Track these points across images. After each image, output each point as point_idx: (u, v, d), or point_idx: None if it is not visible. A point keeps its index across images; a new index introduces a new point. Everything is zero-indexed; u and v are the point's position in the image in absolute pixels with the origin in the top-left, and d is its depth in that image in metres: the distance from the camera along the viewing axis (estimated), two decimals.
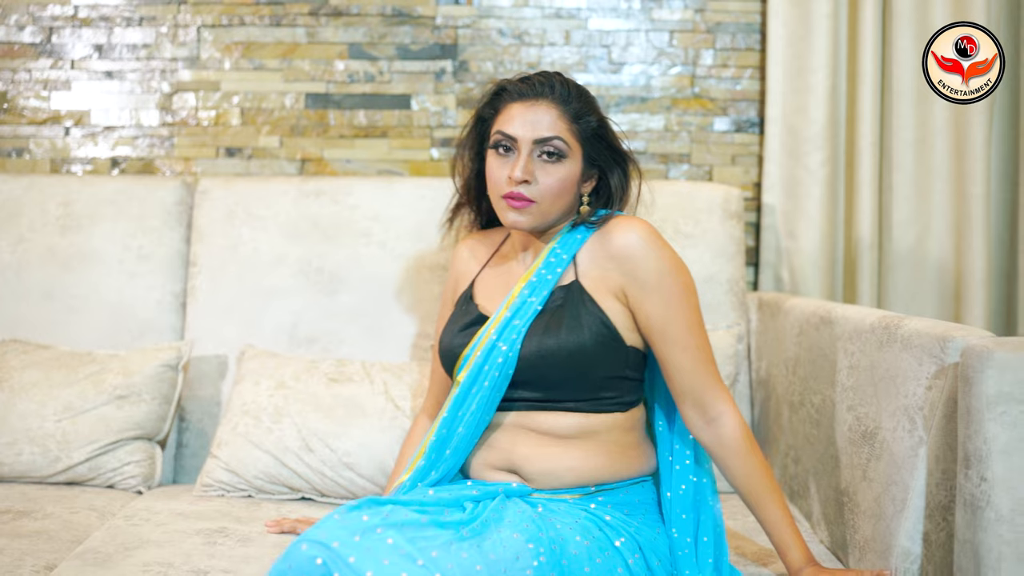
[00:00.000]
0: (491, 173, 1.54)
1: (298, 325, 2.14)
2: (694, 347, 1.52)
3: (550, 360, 1.50)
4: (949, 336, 1.40)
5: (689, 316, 1.52)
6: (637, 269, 1.51)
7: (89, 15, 2.42)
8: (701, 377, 1.52)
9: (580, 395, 1.53)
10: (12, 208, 2.19)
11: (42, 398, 1.92)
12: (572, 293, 1.53)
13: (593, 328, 1.50)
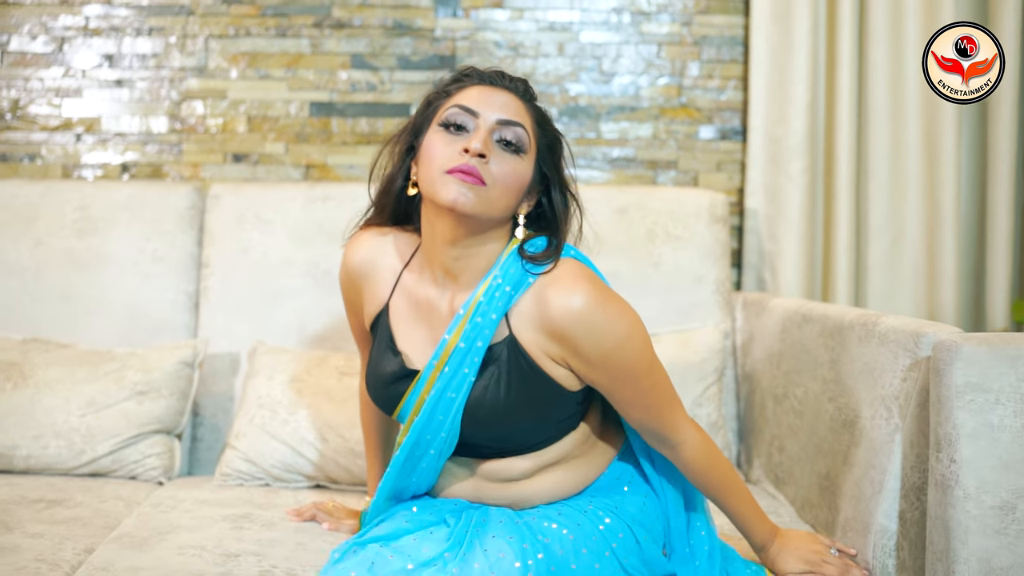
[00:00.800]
0: (432, 150, 1.36)
1: (306, 324, 2.26)
2: (644, 405, 1.43)
3: (496, 428, 1.43)
4: (922, 332, 1.55)
5: (638, 383, 1.41)
6: (579, 348, 1.37)
7: (99, 25, 2.53)
8: (655, 424, 1.45)
9: (529, 443, 1.47)
10: (30, 212, 2.30)
11: (66, 394, 2.03)
12: (510, 354, 1.40)
13: (537, 390, 1.40)
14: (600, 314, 1.35)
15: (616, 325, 1.36)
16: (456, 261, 1.41)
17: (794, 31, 2.50)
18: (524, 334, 1.39)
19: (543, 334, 1.38)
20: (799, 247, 2.50)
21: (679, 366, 2.14)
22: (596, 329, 1.35)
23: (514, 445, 1.46)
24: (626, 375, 1.39)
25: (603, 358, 1.37)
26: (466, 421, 1.41)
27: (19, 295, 2.26)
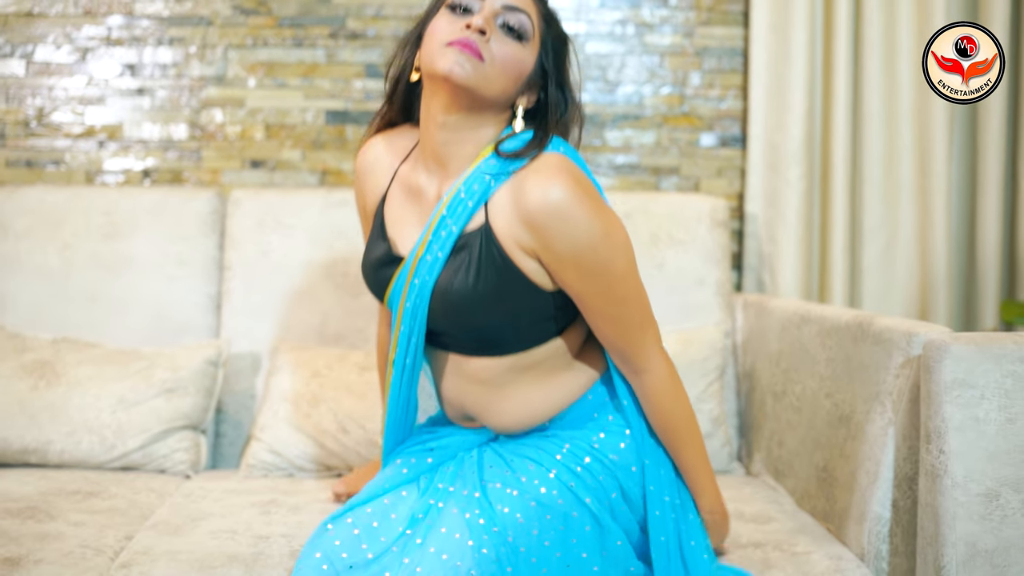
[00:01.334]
0: (435, 28, 1.38)
1: (326, 324, 2.37)
2: (614, 317, 1.41)
3: (463, 319, 1.42)
4: (914, 332, 1.66)
5: (609, 289, 1.39)
6: (551, 241, 1.35)
7: (121, 36, 2.63)
8: (623, 342, 1.43)
9: (505, 343, 1.46)
10: (57, 217, 2.40)
11: (97, 391, 2.13)
12: (483, 242, 1.39)
13: (507, 283, 1.39)
14: (576, 208, 1.33)
15: (592, 222, 1.34)
16: (446, 145, 1.42)
17: (792, 42, 2.61)
18: (500, 224, 1.38)
19: (518, 224, 1.37)
20: (797, 249, 2.61)
21: (682, 363, 2.25)
22: (570, 223, 1.33)
23: (489, 342, 1.45)
24: (597, 278, 1.37)
25: (574, 255, 1.35)
26: (436, 308, 1.41)
27: (48, 297, 2.36)
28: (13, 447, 2.09)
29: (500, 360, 1.47)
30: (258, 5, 2.64)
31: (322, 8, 2.64)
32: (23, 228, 2.39)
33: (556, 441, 1.50)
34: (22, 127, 2.63)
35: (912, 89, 2.61)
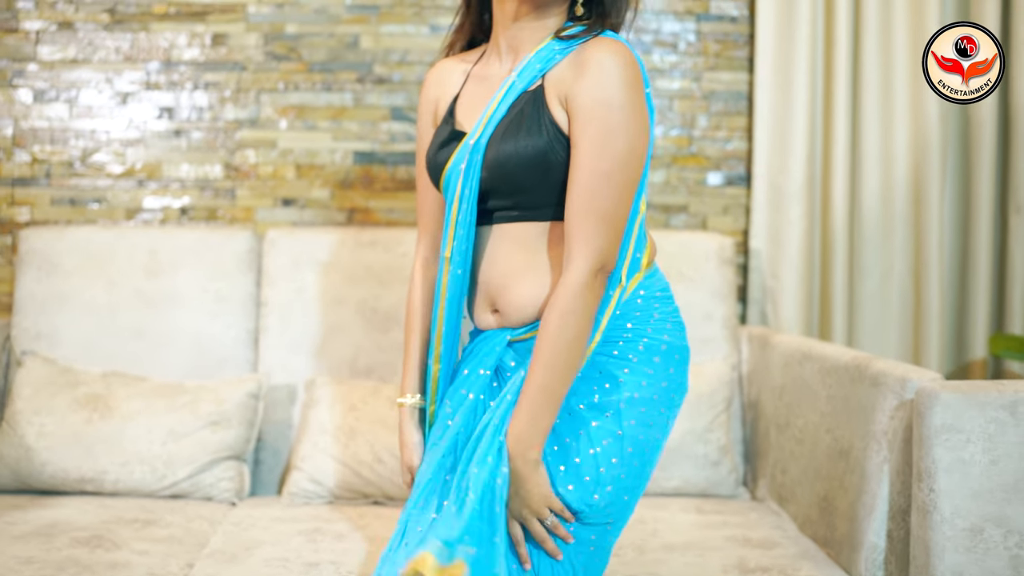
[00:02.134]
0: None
1: (357, 357, 2.54)
2: (588, 188, 1.46)
3: (509, 165, 1.51)
4: (908, 377, 1.84)
5: (601, 156, 1.46)
6: (582, 83, 1.47)
7: (159, 80, 2.80)
8: (577, 219, 1.47)
9: (544, 200, 1.53)
10: (104, 256, 2.57)
11: (148, 424, 2.31)
12: (534, 98, 1.52)
13: (551, 134, 1.49)
14: (617, 70, 1.45)
15: (621, 88, 1.45)
16: (518, 36, 1.57)
17: (794, 88, 2.79)
18: (552, 80, 1.51)
19: (568, 71, 1.50)
20: (798, 284, 2.80)
21: (692, 396, 2.43)
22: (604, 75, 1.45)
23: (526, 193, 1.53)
24: (597, 137, 1.45)
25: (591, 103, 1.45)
26: (488, 162, 1.52)
27: (97, 332, 2.53)
28: (71, 476, 2.27)
29: (537, 225, 1.55)
30: (289, 51, 2.81)
31: (350, 54, 2.82)
32: (72, 266, 2.56)
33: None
34: (66, 167, 2.80)
35: (907, 131, 2.79)
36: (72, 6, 2.79)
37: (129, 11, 2.80)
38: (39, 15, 2.79)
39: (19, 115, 2.80)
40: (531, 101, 1.52)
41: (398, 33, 2.83)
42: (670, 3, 2.87)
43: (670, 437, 2.38)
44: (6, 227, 2.80)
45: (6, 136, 2.79)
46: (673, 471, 2.42)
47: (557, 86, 1.51)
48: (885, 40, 2.79)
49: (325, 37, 2.82)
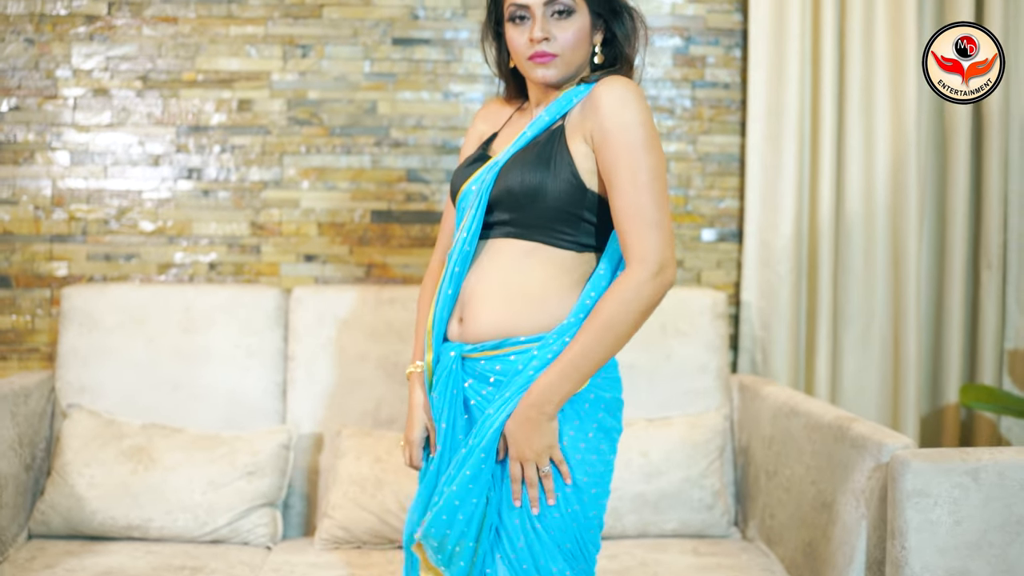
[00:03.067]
0: (513, 43, 1.76)
1: (379, 408, 2.78)
2: (631, 202, 1.62)
3: (515, 188, 1.69)
4: (884, 443, 2.10)
5: (635, 174, 1.62)
6: (603, 116, 1.65)
7: (189, 143, 3.03)
8: (628, 225, 1.63)
9: (538, 223, 1.70)
10: (141, 313, 2.80)
11: (189, 475, 2.54)
12: (553, 136, 1.72)
13: (558, 169, 1.68)
14: (631, 98, 1.65)
15: (637, 113, 1.64)
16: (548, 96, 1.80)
17: (783, 151, 3.05)
18: (572, 120, 1.71)
19: (584, 113, 1.69)
20: (787, 335, 3.05)
21: (688, 445, 2.69)
22: (620, 107, 1.63)
23: (523, 210, 1.70)
24: (628, 158, 1.62)
25: (617, 129, 1.62)
26: (496, 183, 1.72)
27: (136, 385, 2.76)
28: (119, 523, 2.50)
29: (524, 244, 1.71)
30: (311, 116, 3.05)
31: (368, 119, 3.06)
32: (112, 323, 2.79)
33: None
34: (101, 224, 3.03)
35: (887, 191, 3.05)
36: (107, 74, 3.02)
37: (160, 78, 3.03)
38: (76, 83, 3.01)
39: (57, 176, 3.02)
40: (548, 136, 1.73)
41: (413, 100, 3.07)
42: (668, 72, 3.12)
43: (672, 481, 2.65)
44: (45, 281, 3.03)
45: (45, 196, 3.02)
46: (671, 514, 2.67)
47: (579, 125, 1.71)
48: (867, 110, 3.05)
49: (345, 103, 3.06)
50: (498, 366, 1.69)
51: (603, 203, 1.70)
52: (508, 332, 1.70)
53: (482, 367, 1.71)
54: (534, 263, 1.71)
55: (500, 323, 1.70)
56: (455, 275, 1.76)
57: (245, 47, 3.04)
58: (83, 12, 3.01)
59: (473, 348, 1.72)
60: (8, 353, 3.03)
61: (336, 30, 3.05)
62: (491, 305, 1.71)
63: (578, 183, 1.68)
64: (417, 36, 3.07)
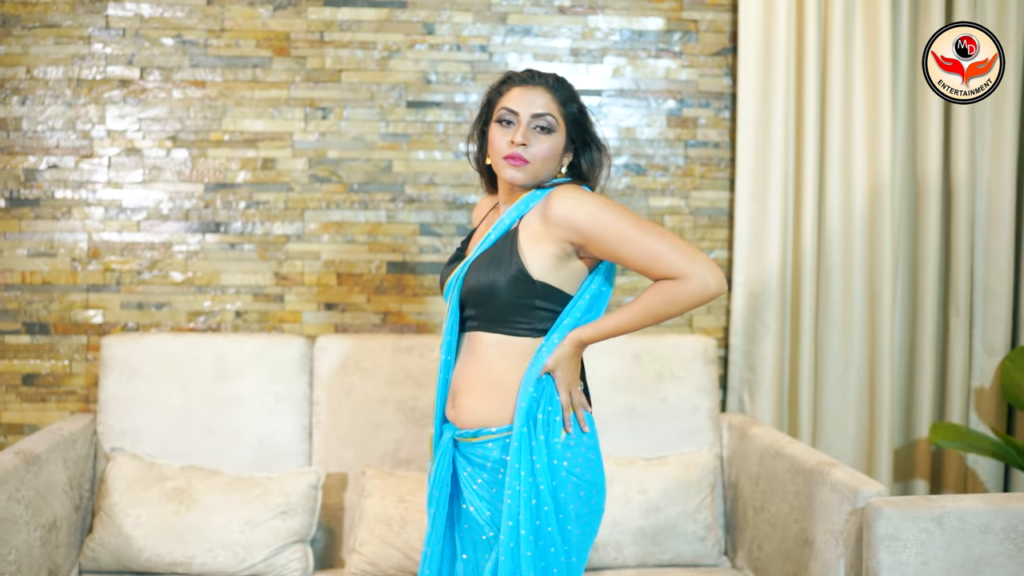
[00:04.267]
0: (494, 140, 2.01)
1: (399, 449, 3.07)
2: (644, 252, 1.90)
3: (474, 287, 1.98)
4: (859, 489, 2.41)
5: (628, 234, 1.90)
6: (574, 225, 1.91)
7: (215, 199, 3.31)
8: (662, 267, 1.91)
9: (497, 316, 1.98)
10: (176, 362, 3.07)
11: (228, 515, 2.82)
12: (507, 239, 1.98)
13: (507, 268, 1.95)
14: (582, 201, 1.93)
15: (594, 199, 1.94)
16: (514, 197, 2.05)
17: (768, 207, 3.36)
18: (527, 223, 1.97)
19: (544, 221, 1.94)
20: (772, 377, 3.37)
21: (683, 482, 2.99)
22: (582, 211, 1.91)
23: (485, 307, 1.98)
24: (617, 230, 1.90)
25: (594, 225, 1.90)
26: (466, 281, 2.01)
27: (173, 429, 3.04)
28: (165, 560, 2.78)
29: (490, 336, 2.00)
30: (331, 174, 3.33)
31: (384, 177, 3.34)
32: (149, 371, 3.06)
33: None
34: (134, 275, 3.30)
35: (864, 247, 3.37)
36: (140, 134, 3.29)
37: (189, 138, 3.30)
38: (111, 142, 3.28)
39: (92, 230, 3.29)
40: (504, 239, 2.00)
41: (426, 159, 3.36)
42: (663, 132, 3.42)
43: (668, 516, 2.95)
44: (82, 328, 3.29)
45: (82, 248, 3.28)
46: (668, 546, 2.97)
47: (540, 231, 1.97)
48: (845, 171, 3.37)
49: (362, 162, 3.34)
50: (479, 451, 2.00)
51: (553, 290, 1.97)
52: (482, 423, 2.00)
53: (467, 449, 2.03)
54: (499, 354, 1.99)
55: (477, 415, 2.00)
56: (446, 363, 2.07)
57: (269, 109, 3.31)
58: (117, 76, 3.28)
59: (460, 433, 2.03)
60: (48, 395, 3.29)
61: (354, 93, 3.33)
62: (471, 398, 2.01)
63: (525, 277, 1.95)
64: (429, 99, 3.36)
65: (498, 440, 1.98)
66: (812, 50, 3.33)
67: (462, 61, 3.36)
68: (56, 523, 2.71)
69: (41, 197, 3.28)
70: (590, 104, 3.30)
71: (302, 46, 3.32)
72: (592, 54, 3.40)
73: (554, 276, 1.97)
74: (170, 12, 3.28)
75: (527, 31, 3.38)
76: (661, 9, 3.42)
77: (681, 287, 1.90)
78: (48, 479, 2.70)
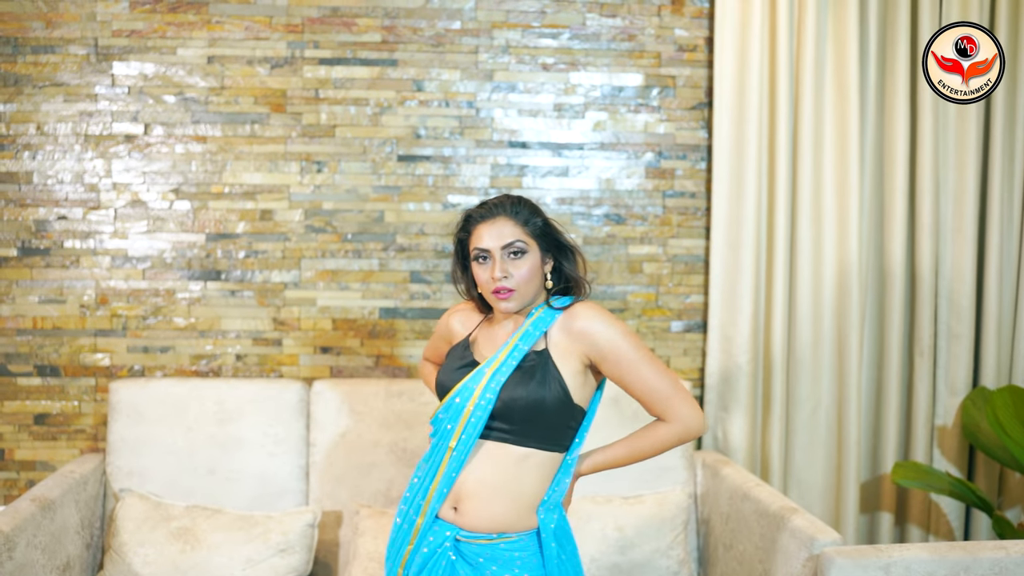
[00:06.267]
0: (479, 278, 2.17)
1: (391, 489, 3.30)
2: (649, 388, 2.12)
3: (518, 405, 2.09)
4: (815, 537, 2.64)
5: (639, 366, 2.11)
6: (596, 343, 2.10)
7: (216, 248, 3.53)
8: (660, 406, 2.14)
9: (533, 432, 2.11)
10: (180, 405, 3.30)
11: (230, 554, 3.05)
12: (542, 359, 2.12)
13: (552, 387, 2.09)
14: (605, 321, 2.13)
15: (616, 324, 2.13)
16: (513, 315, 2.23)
17: (742, 256, 3.58)
18: (556, 344, 2.14)
19: (570, 338, 2.13)
20: (744, 415, 3.60)
21: (658, 520, 3.23)
22: (605, 331, 2.10)
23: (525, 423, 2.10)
24: (630, 358, 2.10)
25: (611, 346, 2.10)
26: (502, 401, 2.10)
27: (177, 470, 3.27)
28: None
29: (520, 449, 2.11)
30: (326, 224, 3.56)
31: (376, 227, 3.57)
32: (155, 416, 3.29)
33: None
34: (140, 320, 3.53)
35: (833, 293, 3.60)
36: (144, 187, 3.51)
37: (191, 190, 3.52)
38: (117, 195, 3.50)
39: (100, 278, 3.51)
40: (540, 361, 2.14)
41: (416, 210, 3.58)
42: (641, 183, 3.64)
43: (643, 553, 3.17)
44: (90, 371, 3.52)
45: (90, 295, 3.51)
46: None
47: (568, 352, 2.15)
48: (816, 221, 3.60)
49: (355, 213, 3.57)
50: (488, 552, 2.12)
51: (580, 410, 2.16)
52: (503, 529, 2.12)
53: (471, 549, 2.13)
54: (528, 467, 2.13)
55: (498, 521, 2.12)
56: (449, 479, 2.14)
57: (267, 163, 3.54)
58: (122, 132, 3.50)
59: (469, 536, 2.13)
60: (59, 434, 3.53)
61: (348, 148, 3.56)
62: (490, 506, 2.12)
63: (568, 400, 2.12)
64: (419, 153, 3.58)
65: (514, 543, 2.12)
66: (784, 104, 3.55)
67: (450, 116, 3.58)
68: (70, 563, 2.95)
69: (51, 247, 3.50)
70: (572, 156, 3.54)
71: (298, 103, 3.54)
72: (574, 109, 3.62)
73: (580, 394, 2.15)
74: (172, 70, 3.50)
75: (512, 87, 3.60)
76: (640, 65, 3.64)
77: (669, 431, 2.15)
78: (62, 522, 2.93)
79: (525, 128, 3.61)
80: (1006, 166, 3.62)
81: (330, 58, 3.54)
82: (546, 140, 3.62)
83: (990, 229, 3.65)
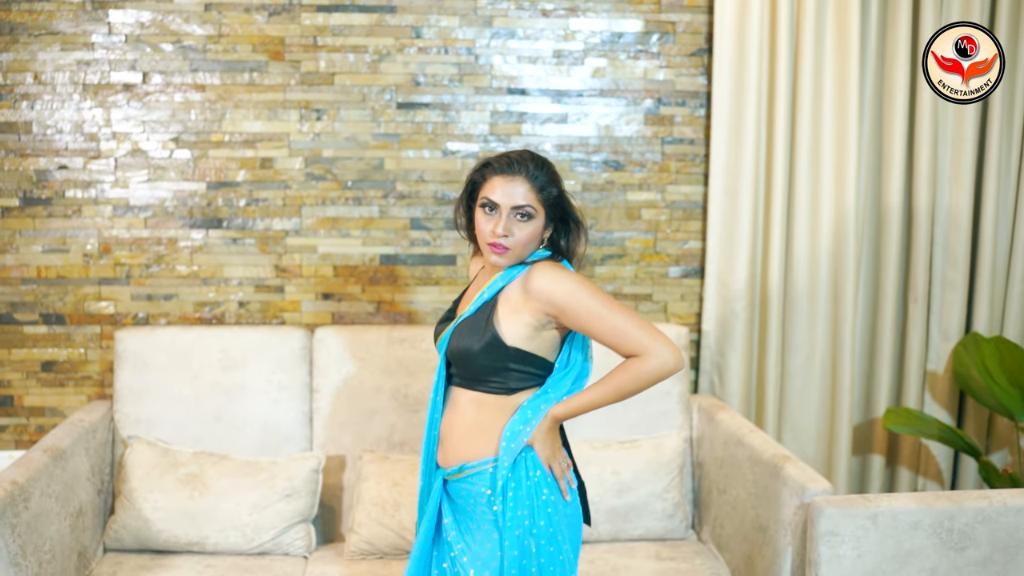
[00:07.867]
0: (479, 225, 2.21)
1: (392, 433, 3.40)
2: (612, 328, 2.12)
3: (455, 350, 2.23)
4: (806, 486, 2.74)
5: (598, 311, 2.12)
6: (552, 299, 2.14)
7: (217, 196, 3.57)
8: (628, 343, 2.13)
9: (475, 376, 2.23)
10: (185, 353, 3.38)
11: (238, 499, 3.15)
12: (486, 307, 2.21)
13: (482, 330, 2.18)
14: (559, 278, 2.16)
15: (570, 277, 2.16)
16: (497, 268, 2.28)
17: (739, 202, 3.63)
18: (507, 295, 2.20)
19: (524, 295, 2.18)
20: (741, 361, 3.68)
21: (654, 464, 3.33)
22: (559, 287, 2.14)
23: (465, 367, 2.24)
24: (589, 309, 2.12)
25: (568, 300, 2.13)
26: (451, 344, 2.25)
27: (184, 418, 3.36)
28: (181, 540, 3.12)
29: (470, 392, 2.25)
30: (326, 172, 3.59)
31: (376, 174, 3.61)
32: (161, 364, 3.37)
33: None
34: (143, 269, 3.59)
35: (829, 240, 3.65)
36: (144, 136, 3.54)
37: (191, 139, 3.55)
38: (117, 144, 3.53)
39: (102, 227, 3.56)
40: (483, 309, 2.24)
41: (415, 157, 3.62)
42: (640, 130, 3.67)
43: (639, 496, 3.28)
44: (95, 319, 3.59)
45: (94, 244, 3.56)
46: (639, 523, 3.31)
47: (508, 300, 2.22)
48: (814, 167, 3.63)
49: (355, 160, 3.60)
50: (464, 485, 2.24)
51: (526, 355, 2.20)
52: (464, 460, 2.23)
53: (452, 487, 2.28)
54: (478, 407, 2.24)
55: (461, 455, 2.25)
56: (434, 421, 2.33)
57: (266, 111, 3.56)
58: (121, 81, 3.51)
59: (447, 472, 2.29)
60: (66, 381, 3.61)
61: (347, 96, 3.58)
62: (458, 443, 2.26)
63: (498, 343, 2.18)
64: (419, 100, 3.60)
65: (478, 474, 2.21)
66: (784, 51, 3.56)
67: (449, 63, 3.60)
68: (82, 509, 3.05)
69: (53, 196, 3.54)
70: (571, 102, 3.57)
71: (297, 50, 3.55)
72: (573, 55, 3.63)
73: (528, 343, 2.20)
74: (169, 18, 3.50)
75: (511, 34, 3.61)
76: (640, 11, 3.64)
77: (643, 365, 2.12)
78: (74, 470, 3.03)
79: (524, 75, 3.62)
80: (1005, 115, 3.65)
81: (328, 5, 3.54)
82: (545, 87, 3.63)
83: (987, 177, 3.69)
